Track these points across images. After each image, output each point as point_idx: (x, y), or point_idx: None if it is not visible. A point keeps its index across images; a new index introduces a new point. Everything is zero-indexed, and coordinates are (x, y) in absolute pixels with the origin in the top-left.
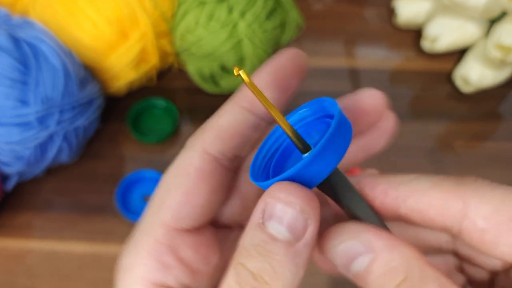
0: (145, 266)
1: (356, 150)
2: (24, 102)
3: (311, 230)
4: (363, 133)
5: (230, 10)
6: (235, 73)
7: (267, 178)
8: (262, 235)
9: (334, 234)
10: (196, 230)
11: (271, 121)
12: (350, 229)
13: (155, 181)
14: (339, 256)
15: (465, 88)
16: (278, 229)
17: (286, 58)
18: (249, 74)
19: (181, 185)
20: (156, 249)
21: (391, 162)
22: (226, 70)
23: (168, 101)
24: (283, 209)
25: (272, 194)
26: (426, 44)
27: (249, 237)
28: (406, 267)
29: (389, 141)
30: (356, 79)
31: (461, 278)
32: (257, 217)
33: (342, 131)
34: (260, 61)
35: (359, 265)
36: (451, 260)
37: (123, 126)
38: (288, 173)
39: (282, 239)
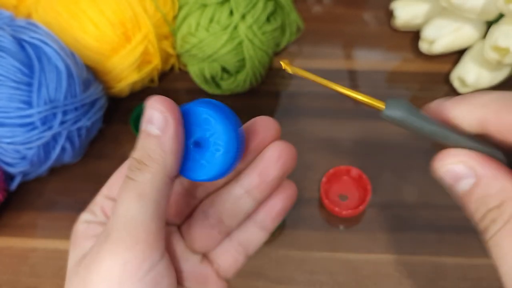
0: None
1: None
2: (27, 103)
3: (171, 126)
4: (254, 152)
5: (231, 13)
6: (283, 67)
7: None
8: (143, 134)
9: (445, 155)
10: None
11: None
12: (460, 153)
13: None
14: (447, 174)
15: (463, 89)
16: (151, 128)
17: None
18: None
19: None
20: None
21: (389, 162)
22: (227, 71)
23: None
24: (153, 114)
25: (149, 105)
26: (424, 46)
27: (138, 140)
28: (501, 196)
29: (281, 170)
30: (354, 81)
31: None
32: (143, 124)
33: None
34: (261, 63)
35: (463, 186)
36: None
37: (125, 126)
38: None
39: (153, 134)
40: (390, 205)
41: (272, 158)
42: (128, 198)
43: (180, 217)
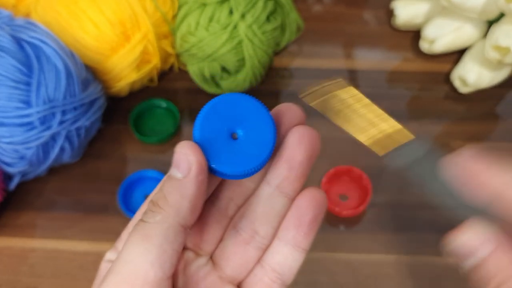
0: None
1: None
2: (26, 103)
3: (193, 170)
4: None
5: (231, 12)
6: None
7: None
8: (167, 177)
9: (458, 233)
10: None
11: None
12: (474, 231)
13: (156, 181)
14: (455, 252)
15: (463, 89)
16: (174, 171)
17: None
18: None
19: None
20: None
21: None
22: (226, 71)
23: (169, 101)
24: (179, 157)
25: (177, 149)
26: (425, 45)
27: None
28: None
29: (305, 153)
30: (355, 80)
31: None
32: (170, 169)
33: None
34: (260, 62)
35: (469, 263)
36: None
37: (125, 126)
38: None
39: (175, 176)
40: (390, 205)
41: (294, 143)
42: (133, 239)
43: (212, 241)
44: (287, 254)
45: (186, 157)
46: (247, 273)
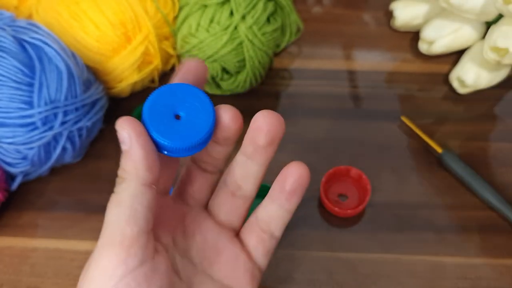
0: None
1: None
2: (28, 104)
3: (133, 137)
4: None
5: (231, 13)
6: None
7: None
8: (122, 154)
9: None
10: None
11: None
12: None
13: None
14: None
15: (462, 90)
16: (122, 146)
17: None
18: None
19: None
20: None
21: (387, 162)
22: (227, 72)
23: None
24: (120, 133)
25: (116, 127)
26: (424, 46)
27: None
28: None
29: (268, 137)
30: (354, 81)
31: None
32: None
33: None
34: (261, 63)
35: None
36: None
37: None
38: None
39: (124, 149)
40: (389, 205)
41: (257, 128)
42: (109, 207)
43: (202, 193)
44: (274, 211)
45: (123, 131)
46: (239, 220)
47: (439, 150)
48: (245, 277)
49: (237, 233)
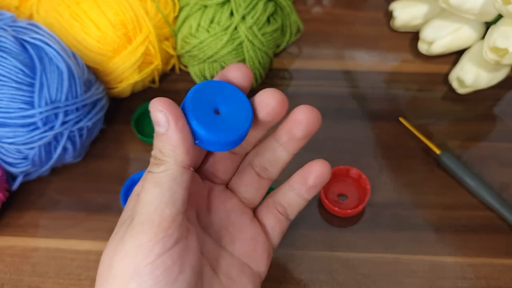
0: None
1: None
2: (29, 104)
3: (171, 122)
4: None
5: (231, 14)
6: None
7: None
8: (155, 134)
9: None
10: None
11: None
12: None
13: None
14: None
15: (461, 90)
16: (158, 128)
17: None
18: None
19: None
20: None
21: (387, 162)
22: None
23: None
24: (156, 115)
25: (151, 107)
26: (423, 47)
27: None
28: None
29: (305, 131)
30: (354, 81)
31: None
32: (154, 127)
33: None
34: (261, 63)
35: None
36: None
37: (127, 127)
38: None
39: (160, 132)
40: (389, 204)
41: (297, 121)
42: (147, 187)
43: (227, 173)
44: (292, 198)
45: (160, 114)
46: (258, 200)
47: (437, 151)
48: (263, 256)
49: (257, 210)
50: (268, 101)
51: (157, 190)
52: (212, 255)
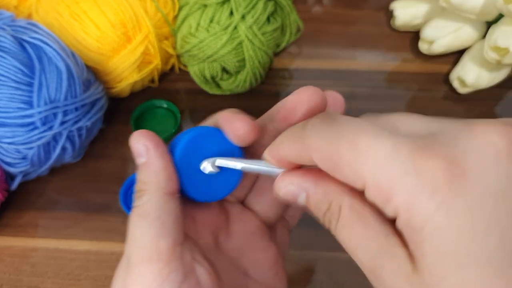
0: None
1: None
2: (28, 103)
3: (151, 148)
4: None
5: (231, 13)
6: None
7: None
8: (137, 168)
9: (279, 180)
10: None
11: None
12: (288, 175)
13: None
14: (287, 197)
15: (462, 89)
16: (138, 160)
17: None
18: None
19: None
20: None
21: None
22: (227, 71)
23: (170, 102)
24: (135, 147)
25: (131, 142)
26: (424, 46)
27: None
28: (327, 199)
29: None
30: (354, 81)
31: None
32: (136, 161)
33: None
34: (261, 63)
35: (301, 201)
36: None
37: (126, 126)
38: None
39: (141, 161)
40: None
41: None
42: (133, 221)
43: (242, 190)
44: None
45: (139, 144)
46: (278, 217)
47: None
48: (283, 278)
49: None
50: (238, 125)
51: (145, 222)
52: (235, 283)
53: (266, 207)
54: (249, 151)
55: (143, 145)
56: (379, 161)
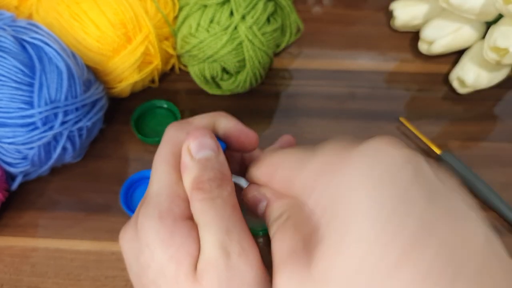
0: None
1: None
2: (28, 104)
3: (219, 146)
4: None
5: (231, 13)
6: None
7: None
8: (200, 160)
9: (247, 190)
10: None
11: None
12: (255, 187)
13: None
14: (249, 202)
15: (462, 90)
16: (207, 152)
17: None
18: None
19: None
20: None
21: None
22: (227, 72)
23: (170, 102)
24: (204, 141)
25: (195, 136)
26: (423, 46)
27: (192, 166)
28: (287, 209)
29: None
30: (354, 81)
31: None
32: (195, 154)
33: None
34: (261, 63)
35: (261, 207)
36: None
37: (126, 126)
38: None
39: (212, 155)
40: None
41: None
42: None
43: None
44: None
45: (212, 139)
46: None
47: (438, 151)
48: None
49: None
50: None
51: (238, 215)
52: None
53: None
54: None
55: (213, 140)
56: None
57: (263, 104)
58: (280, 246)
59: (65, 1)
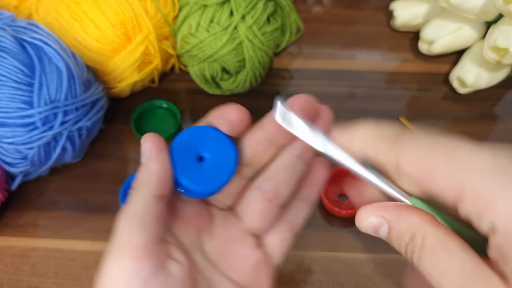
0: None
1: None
2: (28, 104)
3: (153, 151)
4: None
5: (231, 13)
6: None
7: None
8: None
9: (361, 213)
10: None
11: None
12: (370, 208)
13: None
14: (368, 229)
15: (462, 89)
16: (142, 159)
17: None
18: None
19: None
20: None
21: None
22: (227, 71)
23: (170, 102)
24: (142, 147)
25: (142, 140)
26: (424, 46)
27: None
28: (410, 231)
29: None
30: (354, 81)
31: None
32: None
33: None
34: (261, 63)
35: (382, 233)
36: None
37: (126, 126)
38: None
39: (142, 162)
40: None
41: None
42: (120, 217)
43: (231, 196)
44: (300, 208)
45: (145, 145)
46: (268, 225)
47: None
48: (265, 282)
49: (261, 236)
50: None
51: (127, 219)
52: (214, 280)
53: (253, 217)
54: (240, 149)
55: (148, 147)
56: (479, 172)
57: (263, 104)
58: (445, 271)
59: (65, 1)
